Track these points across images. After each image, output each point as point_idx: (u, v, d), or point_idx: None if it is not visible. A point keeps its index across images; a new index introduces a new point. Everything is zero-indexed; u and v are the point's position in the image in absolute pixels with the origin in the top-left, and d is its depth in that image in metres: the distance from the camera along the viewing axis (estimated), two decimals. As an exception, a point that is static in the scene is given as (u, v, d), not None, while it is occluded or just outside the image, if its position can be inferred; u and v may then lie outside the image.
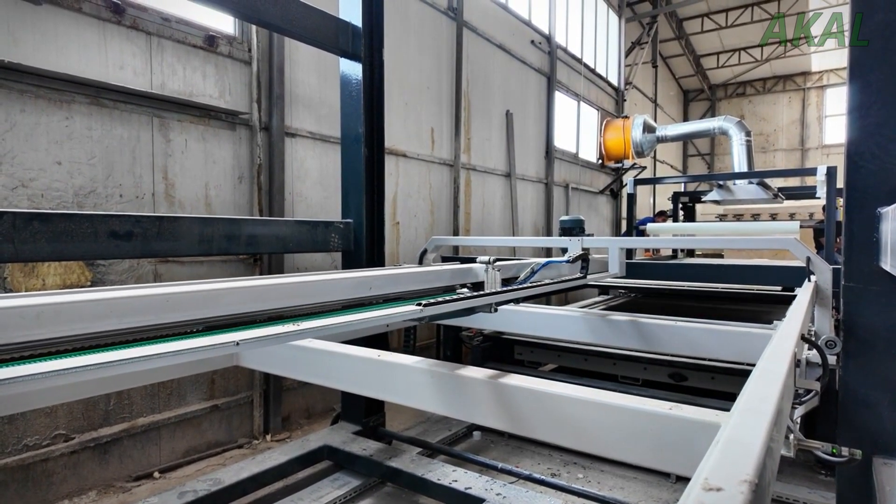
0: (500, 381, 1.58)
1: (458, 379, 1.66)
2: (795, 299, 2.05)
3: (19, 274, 3.02)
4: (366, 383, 1.86)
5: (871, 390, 1.84)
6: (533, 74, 8.95)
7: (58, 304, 1.06)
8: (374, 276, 1.68)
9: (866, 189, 1.82)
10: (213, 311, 1.29)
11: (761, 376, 0.99)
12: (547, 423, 1.50)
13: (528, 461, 3.50)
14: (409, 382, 1.76)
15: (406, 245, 6.16)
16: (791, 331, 1.39)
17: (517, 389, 1.55)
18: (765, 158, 20.24)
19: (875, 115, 1.81)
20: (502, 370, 1.74)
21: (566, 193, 10.23)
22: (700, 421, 1.24)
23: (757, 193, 8.04)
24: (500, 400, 1.58)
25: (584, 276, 2.36)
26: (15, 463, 3.01)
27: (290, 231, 3.35)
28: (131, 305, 1.16)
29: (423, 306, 1.46)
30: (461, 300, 1.58)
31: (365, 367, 1.85)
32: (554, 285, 2.12)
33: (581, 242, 2.85)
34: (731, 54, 19.14)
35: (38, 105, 3.09)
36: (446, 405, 1.71)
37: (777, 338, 1.35)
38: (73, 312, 1.07)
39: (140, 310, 1.16)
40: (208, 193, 4.01)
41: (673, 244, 5.01)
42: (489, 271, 1.98)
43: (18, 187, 3.02)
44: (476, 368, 1.70)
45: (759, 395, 0.86)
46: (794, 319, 1.57)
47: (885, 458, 1.80)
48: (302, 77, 4.73)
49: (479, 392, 1.62)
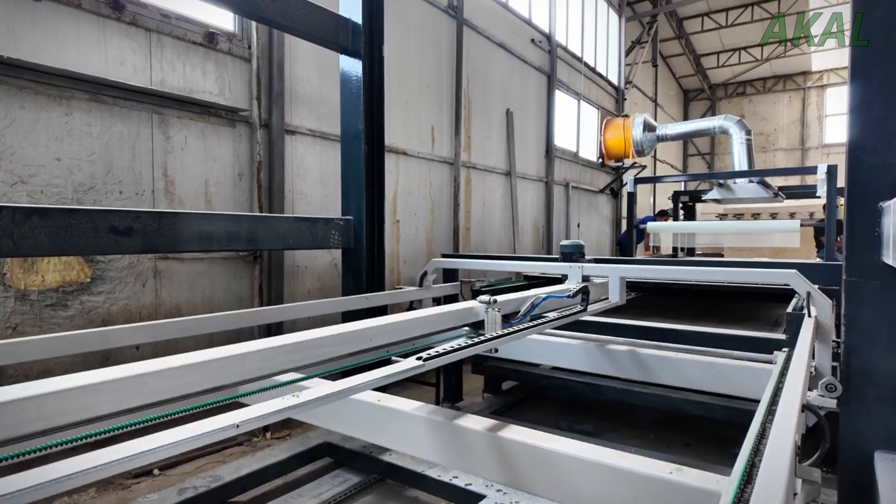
0: (499, 433, 1.57)
1: (457, 429, 1.64)
2: (797, 342, 2.03)
3: (18, 270, 3.01)
4: (364, 427, 1.86)
5: (873, 384, 1.83)
6: (533, 73, 8.94)
7: (46, 394, 1.00)
8: (373, 328, 1.65)
9: (868, 184, 1.82)
10: (212, 382, 1.25)
11: (767, 464, 0.98)
12: (544, 480, 1.50)
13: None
14: (408, 429, 1.75)
15: (406, 243, 6.16)
16: (792, 397, 1.35)
17: (516, 444, 1.53)
18: (765, 158, 20.24)
19: (877, 109, 1.80)
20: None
21: (566, 192, 10.22)
22: (701, 489, 1.23)
23: (757, 192, 8.04)
24: (499, 453, 1.57)
25: (585, 308, 2.35)
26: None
27: (289, 228, 3.35)
28: (124, 391, 1.10)
29: (423, 361, 1.45)
30: (462, 350, 1.57)
31: (365, 410, 1.83)
32: (553, 322, 2.11)
33: (581, 269, 2.82)
34: (731, 54, 19.13)
35: (37, 101, 3.08)
36: (444, 455, 1.70)
37: (780, 407, 1.33)
38: (66, 403, 1.02)
39: (131, 395, 1.11)
40: (208, 191, 4.00)
41: (674, 274, 4.92)
42: (489, 312, 1.95)
43: (18, 183, 3.01)
44: (476, 418, 1.68)
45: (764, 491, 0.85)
46: (796, 380, 1.53)
47: (887, 453, 1.80)
48: (302, 74, 4.73)
49: (478, 443, 1.61)
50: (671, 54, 18.29)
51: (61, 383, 1.03)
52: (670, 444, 3.58)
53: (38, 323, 3.10)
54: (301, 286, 4.74)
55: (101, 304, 3.38)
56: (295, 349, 1.43)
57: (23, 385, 1.02)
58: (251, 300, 4.28)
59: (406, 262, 6.15)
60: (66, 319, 3.22)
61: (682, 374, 2.58)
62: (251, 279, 4.27)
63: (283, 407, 1.17)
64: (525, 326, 1.92)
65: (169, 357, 1.22)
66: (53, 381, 1.04)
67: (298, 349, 1.44)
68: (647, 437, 3.68)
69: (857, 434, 1.86)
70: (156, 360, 1.21)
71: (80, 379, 1.07)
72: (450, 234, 6.88)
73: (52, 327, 3.16)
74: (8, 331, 2.99)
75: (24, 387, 1.02)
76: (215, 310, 4.06)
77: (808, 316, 2.27)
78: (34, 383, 1.03)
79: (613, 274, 2.81)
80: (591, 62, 11.46)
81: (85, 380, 1.07)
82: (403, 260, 6.12)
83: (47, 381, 1.05)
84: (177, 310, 3.80)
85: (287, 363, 1.41)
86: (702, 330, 2.97)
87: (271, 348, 1.38)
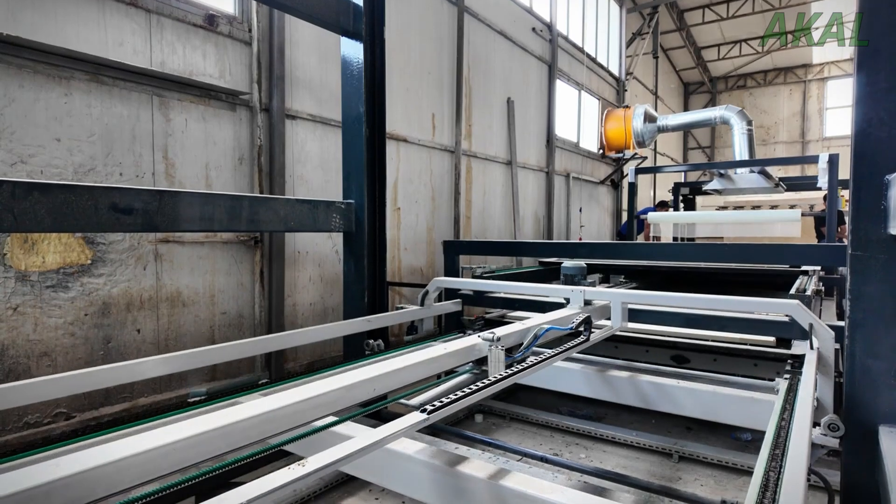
0: (500, 482, 1.56)
1: (457, 476, 1.64)
2: (800, 382, 2.03)
3: (19, 251, 3.00)
4: (364, 466, 1.86)
5: (878, 359, 1.83)
6: (534, 62, 8.91)
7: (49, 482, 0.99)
8: (376, 377, 1.65)
9: (875, 157, 1.80)
10: (213, 451, 1.24)
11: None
12: None
13: (530, 441, 3.50)
14: (409, 473, 1.76)
15: (407, 231, 6.15)
16: (797, 466, 1.36)
17: (517, 494, 1.53)
18: (765, 151, 20.20)
19: (884, 81, 1.79)
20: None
21: (567, 183, 10.21)
22: None
23: (758, 182, 8.03)
24: (500, 501, 1.56)
25: (587, 338, 2.34)
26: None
27: (291, 210, 3.33)
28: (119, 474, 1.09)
29: (428, 413, 1.45)
30: (466, 397, 1.57)
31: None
32: (555, 357, 2.10)
33: (583, 294, 2.81)
34: (731, 46, 19.06)
35: (36, 80, 3.06)
36: (445, 500, 1.71)
37: (785, 478, 1.34)
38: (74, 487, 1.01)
39: (135, 474, 1.10)
40: (209, 174, 3.99)
41: (673, 301, 4.90)
42: (492, 350, 1.96)
43: (17, 163, 2.99)
44: (477, 464, 1.68)
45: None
46: (802, 421, 1.54)
47: (891, 427, 1.79)
48: (302, 59, 4.70)
49: (478, 492, 1.61)
50: (672, 46, 18.22)
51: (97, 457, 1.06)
52: (671, 429, 3.58)
53: (38, 304, 3.09)
54: (302, 272, 4.73)
55: (102, 287, 3.37)
56: (298, 411, 1.41)
57: (53, 462, 1.03)
58: (252, 285, 4.27)
59: (407, 250, 6.15)
60: (67, 301, 3.21)
61: (680, 403, 2.60)
62: (252, 264, 4.26)
63: (290, 479, 1.10)
64: (528, 365, 1.92)
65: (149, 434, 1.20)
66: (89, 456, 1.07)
67: (301, 410, 1.41)
68: (648, 421, 3.69)
69: (861, 409, 1.85)
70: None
71: (123, 449, 1.09)
72: (451, 222, 6.87)
73: (52, 308, 3.15)
74: (9, 311, 2.98)
75: (75, 458, 1.04)
76: (217, 294, 4.06)
77: (811, 348, 2.26)
78: (57, 463, 1.04)
79: (615, 299, 2.80)
80: (592, 52, 11.42)
81: (132, 448, 1.10)
82: (404, 248, 6.11)
83: (79, 457, 1.06)
84: (177, 294, 3.79)
85: (283, 426, 1.39)
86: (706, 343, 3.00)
87: (275, 411, 1.36)
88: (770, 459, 1.50)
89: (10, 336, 3.00)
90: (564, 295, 2.88)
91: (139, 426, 1.79)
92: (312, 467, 1.17)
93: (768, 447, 1.57)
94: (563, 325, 2.32)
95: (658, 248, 4.59)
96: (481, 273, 4.09)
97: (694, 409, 2.57)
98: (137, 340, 3.57)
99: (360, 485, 2.81)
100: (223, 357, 2.31)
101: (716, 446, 3.23)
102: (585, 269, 3.64)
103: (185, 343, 3.78)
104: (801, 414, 1.75)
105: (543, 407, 3.88)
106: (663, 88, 17.24)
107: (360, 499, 2.72)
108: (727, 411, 2.48)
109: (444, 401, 1.51)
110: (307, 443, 1.78)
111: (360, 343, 3.21)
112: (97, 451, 1.10)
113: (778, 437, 1.65)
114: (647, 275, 5.46)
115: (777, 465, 1.46)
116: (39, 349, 3.11)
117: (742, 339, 2.85)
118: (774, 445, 1.59)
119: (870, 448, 1.78)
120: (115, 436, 1.65)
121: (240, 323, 4.22)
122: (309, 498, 2.68)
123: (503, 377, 1.79)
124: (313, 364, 4.72)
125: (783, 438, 1.63)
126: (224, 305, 4.10)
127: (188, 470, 1.27)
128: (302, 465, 1.18)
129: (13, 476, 0.99)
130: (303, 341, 2.67)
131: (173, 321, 3.78)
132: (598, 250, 4.24)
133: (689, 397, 2.56)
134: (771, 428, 1.75)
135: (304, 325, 4.63)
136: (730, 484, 2.94)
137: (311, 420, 1.48)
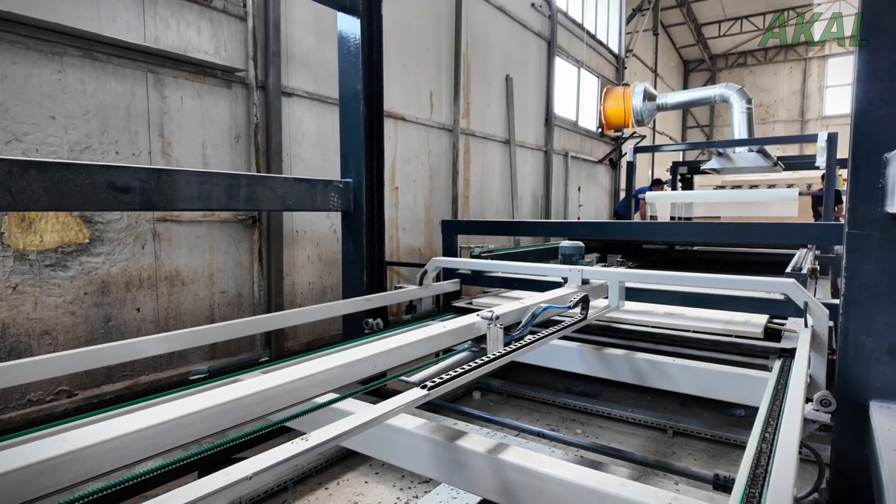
0: (500, 455, 1.58)
1: (457, 450, 1.67)
2: (794, 360, 2.06)
3: (16, 229, 2.99)
4: (365, 441, 1.88)
5: (871, 335, 1.85)
6: (533, 39, 8.79)
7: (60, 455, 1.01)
8: (377, 354, 1.67)
9: (874, 134, 1.80)
10: (216, 426, 1.24)
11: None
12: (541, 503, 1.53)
13: (527, 418, 3.55)
14: (409, 447, 1.78)
15: (405, 210, 6.14)
16: (790, 438, 1.38)
17: (515, 468, 1.55)
18: (764, 129, 20.09)
19: (885, 59, 1.78)
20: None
21: (565, 162, 10.16)
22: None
23: (756, 161, 8.00)
24: (498, 474, 1.59)
25: (585, 316, 2.36)
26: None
27: (289, 189, 3.32)
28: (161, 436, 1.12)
29: (428, 389, 1.46)
30: (465, 373, 1.59)
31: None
32: (553, 335, 2.12)
33: (581, 273, 2.82)
34: (732, 23, 18.83)
35: (29, 56, 3.01)
36: (444, 473, 1.74)
37: (780, 438, 1.37)
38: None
39: (142, 448, 1.11)
40: (205, 153, 3.96)
41: (670, 280, 4.89)
42: (491, 328, 1.97)
43: (12, 141, 2.97)
44: (477, 438, 1.70)
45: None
46: (795, 401, 1.57)
47: (882, 402, 1.83)
48: (299, 35, 4.63)
49: (477, 465, 1.63)
50: (672, 23, 17.98)
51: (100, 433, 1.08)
52: (666, 406, 3.64)
53: (37, 283, 3.10)
54: (300, 251, 4.74)
55: (101, 266, 3.38)
56: (300, 386, 1.42)
57: (61, 437, 1.05)
58: (251, 264, 4.28)
59: (405, 230, 6.14)
60: (66, 280, 3.22)
61: (675, 380, 2.64)
62: (250, 243, 4.26)
63: (295, 452, 1.12)
64: (526, 343, 1.94)
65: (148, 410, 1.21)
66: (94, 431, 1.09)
67: (304, 386, 1.42)
68: (643, 398, 3.74)
69: (854, 384, 1.88)
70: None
71: (128, 425, 1.11)
72: (449, 201, 6.86)
73: (51, 287, 3.16)
74: (8, 290, 2.99)
75: (80, 433, 1.06)
76: (216, 273, 4.06)
77: (805, 326, 2.29)
78: (65, 437, 1.06)
79: (613, 278, 2.82)
80: (591, 29, 11.27)
81: (134, 424, 1.11)
82: (402, 227, 6.11)
83: (89, 431, 1.08)
84: (176, 273, 3.80)
85: (285, 402, 1.41)
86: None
87: (278, 387, 1.37)
88: (763, 433, 1.53)
89: (11, 315, 3.01)
90: (562, 274, 2.89)
91: (143, 402, 1.81)
92: (316, 441, 1.19)
93: (761, 422, 1.60)
94: (561, 304, 2.34)
95: (655, 227, 4.60)
96: (479, 252, 4.10)
97: (689, 385, 2.61)
98: (137, 319, 3.59)
99: (360, 460, 2.85)
100: (223, 335, 2.33)
101: (710, 422, 3.28)
102: (583, 249, 3.66)
103: (184, 322, 3.80)
104: (795, 389, 1.78)
105: (541, 385, 3.93)
106: (663, 66, 17.06)
107: (360, 473, 2.77)
108: (721, 388, 2.52)
109: (445, 377, 1.54)
110: (309, 419, 1.81)
111: (359, 322, 3.23)
112: (104, 425, 1.12)
113: (771, 412, 1.69)
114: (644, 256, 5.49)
115: (770, 439, 1.50)
116: (40, 328, 3.13)
117: (732, 330, 2.82)
118: (767, 420, 1.62)
119: (860, 422, 1.81)
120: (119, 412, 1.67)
121: (239, 302, 4.23)
122: (310, 473, 2.72)
123: (502, 354, 1.81)
124: (312, 343, 4.75)
125: (776, 413, 1.67)
126: (223, 284, 4.11)
127: (190, 446, 1.29)
128: (305, 440, 1.19)
129: (22, 450, 1.01)
130: (303, 320, 2.68)
131: (173, 300, 3.79)
132: (596, 229, 4.25)
133: (683, 374, 2.60)
134: (765, 403, 1.79)
135: (303, 305, 4.65)
136: (723, 458, 3.00)
137: (313, 396, 1.50)
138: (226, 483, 1.05)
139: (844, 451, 1.90)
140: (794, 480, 1.17)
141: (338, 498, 2.58)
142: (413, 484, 2.68)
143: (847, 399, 1.89)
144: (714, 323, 2.88)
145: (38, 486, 0.99)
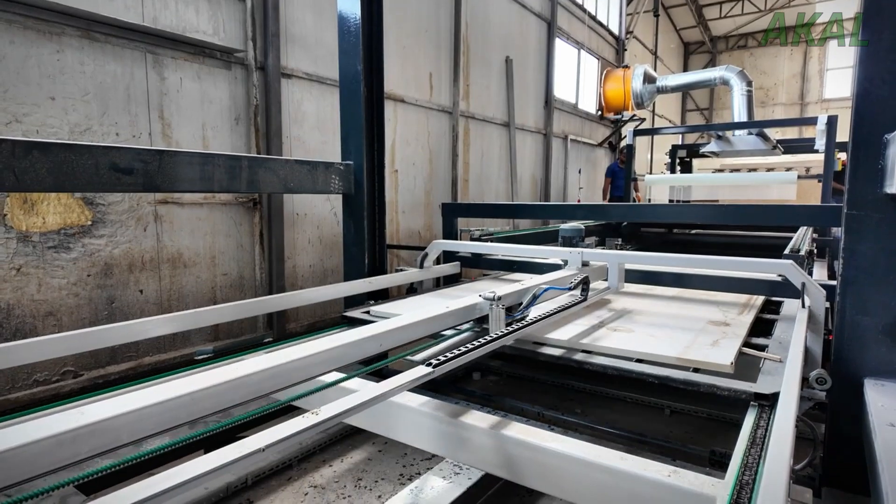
0: (502, 431, 1.62)
1: (460, 426, 1.71)
2: (791, 339, 2.08)
3: (19, 211, 3.00)
4: (369, 418, 1.92)
5: (867, 315, 1.89)
6: (533, 19, 8.70)
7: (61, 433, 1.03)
8: (382, 333, 1.70)
9: (874, 116, 1.82)
10: (225, 402, 1.27)
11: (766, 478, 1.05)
12: (544, 478, 1.56)
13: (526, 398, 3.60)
14: (412, 424, 1.81)
15: (405, 193, 6.13)
16: (787, 414, 1.41)
17: (517, 443, 1.59)
18: (764, 112, 20.00)
19: (887, 39, 1.79)
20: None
21: (565, 145, 10.13)
22: (696, 493, 1.29)
23: (756, 144, 8.00)
24: (500, 449, 1.63)
25: (585, 297, 2.38)
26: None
27: (290, 171, 3.31)
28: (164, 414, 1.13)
29: (433, 367, 1.50)
30: (469, 352, 1.63)
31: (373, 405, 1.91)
32: (554, 315, 2.15)
33: (581, 255, 2.84)
34: (734, 4, 18.62)
35: (27, 36, 2.99)
36: (447, 449, 1.78)
37: (777, 415, 1.38)
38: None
39: (147, 425, 1.13)
40: (205, 135, 3.94)
41: (669, 263, 4.94)
42: (493, 309, 2.01)
43: (12, 122, 2.95)
44: (480, 415, 1.73)
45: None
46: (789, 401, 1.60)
47: (876, 380, 1.87)
48: (298, 15, 4.58)
49: (480, 440, 1.67)
50: (673, 4, 17.78)
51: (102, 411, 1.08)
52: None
53: (41, 264, 3.11)
54: (301, 234, 4.75)
55: (104, 248, 3.39)
56: (307, 363, 1.46)
57: (78, 410, 1.06)
58: (252, 246, 4.29)
59: (405, 213, 6.15)
60: (70, 262, 3.23)
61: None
62: (251, 225, 4.27)
63: (305, 426, 1.16)
64: (527, 323, 1.98)
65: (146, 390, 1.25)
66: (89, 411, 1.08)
67: (310, 363, 1.47)
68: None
69: (849, 362, 1.93)
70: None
71: (143, 399, 1.13)
72: (448, 184, 6.85)
73: (55, 269, 3.17)
74: (12, 272, 3.00)
75: (80, 412, 1.06)
76: (217, 255, 4.08)
77: (803, 307, 2.32)
78: (82, 411, 1.07)
79: (612, 260, 2.84)
80: (592, 10, 11.15)
81: (134, 403, 1.12)
82: (402, 210, 6.11)
83: (86, 410, 1.08)
84: (178, 255, 3.81)
85: (292, 378, 1.44)
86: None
87: (283, 365, 1.40)
88: (759, 410, 1.57)
89: (15, 296, 3.02)
90: (562, 256, 2.92)
91: (151, 381, 1.84)
92: (326, 415, 1.23)
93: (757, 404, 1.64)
94: (562, 286, 2.37)
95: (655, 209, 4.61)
96: (479, 235, 4.11)
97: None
98: (140, 301, 3.61)
99: (364, 437, 2.90)
100: (227, 317, 2.35)
101: (706, 402, 3.34)
102: (583, 231, 3.68)
103: (187, 304, 3.83)
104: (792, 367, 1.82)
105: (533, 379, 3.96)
106: (663, 48, 16.92)
107: (363, 450, 2.81)
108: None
109: (449, 356, 1.57)
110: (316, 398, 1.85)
111: (361, 304, 3.25)
112: (119, 400, 1.15)
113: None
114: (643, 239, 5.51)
115: (766, 416, 1.54)
116: (44, 309, 3.15)
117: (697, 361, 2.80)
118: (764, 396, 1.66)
119: (855, 400, 1.85)
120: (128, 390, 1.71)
121: (241, 284, 4.26)
122: (314, 450, 2.77)
123: (504, 334, 1.85)
124: (314, 325, 4.79)
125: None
126: (225, 267, 4.13)
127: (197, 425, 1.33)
128: (315, 414, 1.24)
129: (41, 422, 1.03)
130: (305, 301, 2.71)
131: (175, 282, 3.81)
132: (595, 212, 4.26)
133: None
134: None
135: (304, 287, 4.68)
136: (720, 436, 3.05)
137: (318, 374, 1.54)
138: (240, 454, 1.08)
139: (839, 427, 1.95)
140: (791, 453, 1.21)
141: (342, 474, 2.63)
142: (416, 461, 2.73)
143: (842, 377, 1.93)
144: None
145: (57, 458, 1.02)
